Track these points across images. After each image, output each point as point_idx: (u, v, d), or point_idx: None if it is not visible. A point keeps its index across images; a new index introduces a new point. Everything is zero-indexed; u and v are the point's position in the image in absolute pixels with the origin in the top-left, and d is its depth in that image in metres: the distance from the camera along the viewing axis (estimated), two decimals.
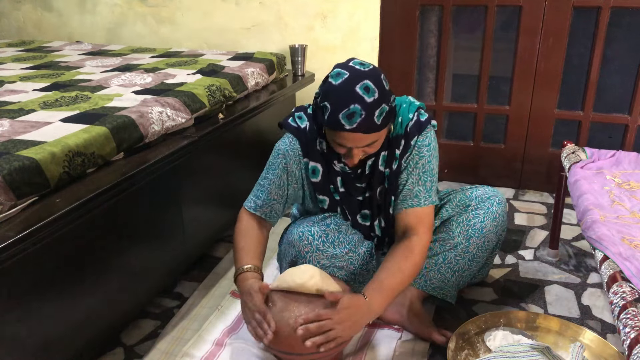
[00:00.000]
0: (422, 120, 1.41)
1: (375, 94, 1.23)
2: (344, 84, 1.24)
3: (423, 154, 1.41)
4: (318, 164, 1.45)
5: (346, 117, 1.22)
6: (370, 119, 1.22)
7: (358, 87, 1.22)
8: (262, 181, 1.49)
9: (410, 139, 1.40)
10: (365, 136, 1.26)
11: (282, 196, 1.48)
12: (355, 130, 1.23)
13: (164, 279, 1.69)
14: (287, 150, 1.45)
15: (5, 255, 1.04)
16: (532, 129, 2.49)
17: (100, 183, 1.32)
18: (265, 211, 1.49)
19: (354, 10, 2.56)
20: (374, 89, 1.23)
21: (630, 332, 0.96)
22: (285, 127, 1.48)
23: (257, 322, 1.28)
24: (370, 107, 1.22)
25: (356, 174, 1.45)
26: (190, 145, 1.64)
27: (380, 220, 1.52)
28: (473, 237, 1.54)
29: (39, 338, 1.19)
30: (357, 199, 1.49)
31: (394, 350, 1.48)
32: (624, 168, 1.69)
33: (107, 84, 1.89)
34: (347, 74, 1.25)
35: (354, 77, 1.24)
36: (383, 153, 1.42)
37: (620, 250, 1.19)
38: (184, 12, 2.84)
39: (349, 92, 1.22)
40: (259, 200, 1.49)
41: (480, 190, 1.59)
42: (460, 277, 1.58)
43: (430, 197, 1.43)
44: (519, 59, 2.40)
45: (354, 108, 1.21)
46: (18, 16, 3.16)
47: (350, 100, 1.21)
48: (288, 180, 1.47)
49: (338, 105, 1.23)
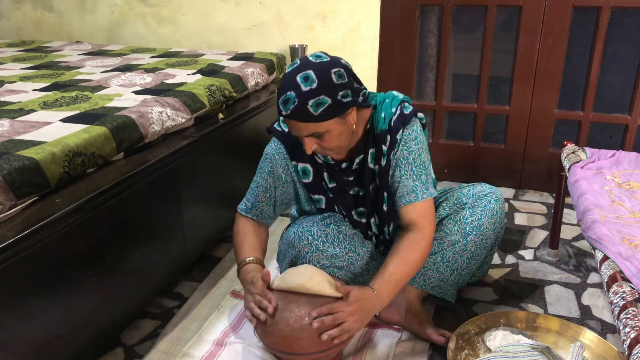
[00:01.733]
0: (407, 113, 1.41)
1: (314, 84, 1.24)
2: (289, 72, 1.29)
3: (412, 149, 1.41)
4: (307, 164, 1.48)
5: (282, 102, 1.27)
6: (303, 108, 1.24)
7: (298, 76, 1.25)
8: (252, 184, 1.54)
9: (396, 133, 1.40)
10: (304, 125, 1.28)
11: (269, 198, 1.52)
12: (289, 117, 1.27)
13: (164, 279, 1.69)
14: (274, 154, 1.48)
15: (5, 255, 1.05)
16: (532, 129, 2.49)
17: (100, 183, 1.32)
18: (256, 213, 1.53)
19: (354, 10, 2.56)
20: (314, 79, 1.24)
21: (630, 332, 0.96)
22: (272, 132, 1.51)
23: (256, 302, 1.29)
24: (304, 96, 1.23)
25: (340, 168, 1.46)
26: (190, 145, 1.64)
27: (375, 218, 1.52)
28: (471, 234, 1.54)
29: (39, 338, 1.19)
30: (350, 193, 1.50)
31: (393, 350, 1.48)
32: (624, 168, 1.69)
33: (107, 84, 1.89)
34: (297, 64, 1.29)
35: (300, 66, 1.28)
36: (371, 150, 1.43)
37: (620, 250, 1.19)
38: (184, 12, 2.84)
39: (289, 80, 1.27)
40: (249, 202, 1.54)
41: (478, 188, 1.59)
42: (459, 276, 1.58)
43: (428, 190, 1.43)
44: (519, 59, 2.40)
45: (289, 95, 1.25)
46: (18, 16, 3.17)
47: (288, 87, 1.26)
48: (275, 183, 1.50)
49: (279, 92, 1.29)
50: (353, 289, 1.30)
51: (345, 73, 1.28)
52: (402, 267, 1.38)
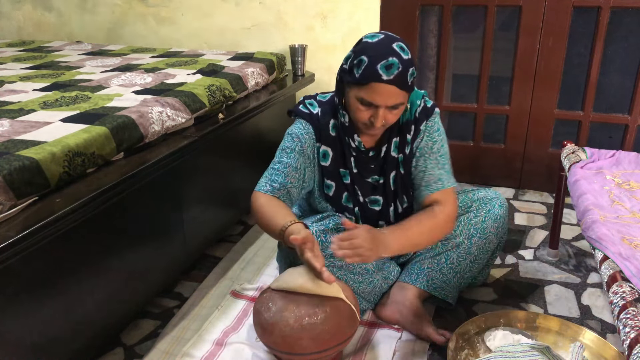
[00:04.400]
0: (429, 107, 1.48)
1: (409, 54, 1.32)
2: (382, 41, 1.32)
3: (435, 139, 1.47)
4: (329, 148, 1.48)
5: (385, 67, 1.28)
6: (404, 75, 1.29)
7: (395, 45, 1.30)
8: (277, 165, 1.46)
9: (420, 124, 1.46)
10: (397, 92, 1.31)
11: (298, 179, 1.46)
12: (391, 82, 1.28)
13: (164, 279, 1.69)
14: (302, 133, 1.47)
15: (5, 255, 1.04)
16: (532, 129, 2.49)
17: (100, 183, 1.32)
18: (283, 194, 1.44)
19: (354, 10, 2.56)
20: (407, 50, 1.32)
21: (630, 332, 0.96)
22: (297, 114, 1.51)
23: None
24: (406, 64, 1.29)
25: (367, 155, 1.48)
26: (190, 145, 1.64)
27: (397, 206, 1.54)
28: (475, 236, 1.55)
29: (39, 338, 1.19)
30: (368, 181, 1.52)
31: (394, 350, 1.48)
32: (624, 168, 1.69)
33: (107, 84, 1.89)
34: (382, 35, 1.33)
35: (390, 37, 1.33)
36: (395, 139, 1.47)
37: (620, 250, 1.19)
38: (184, 12, 2.84)
39: (387, 47, 1.30)
40: (275, 183, 1.44)
41: (482, 193, 1.61)
42: (461, 279, 1.59)
43: (451, 179, 1.49)
44: (519, 59, 2.40)
45: (392, 60, 1.28)
46: (18, 16, 3.17)
47: (389, 53, 1.29)
48: (305, 162, 1.47)
49: (377, 58, 1.29)
50: (364, 225, 1.33)
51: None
52: (416, 226, 1.41)
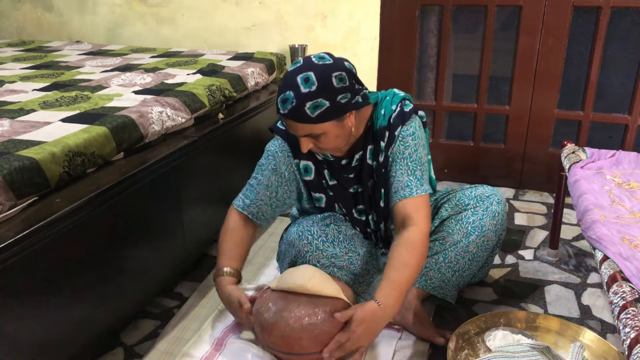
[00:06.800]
0: (406, 111, 1.41)
1: (313, 86, 1.24)
2: (290, 72, 1.29)
3: (408, 144, 1.40)
4: (309, 162, 1.48)
5: (281, 102, 1.28)
6: (300, 109, 1.25)
7: (299, 77, 1.26)
8: (252, 181, 1.52)
9: (394, 130, 1.40)
10: (300, 125, 1.28)
11: (270, 197, 1.50)
12: (286, 117, 1.28)
13: (164, 279, 1.69)
14: (277, 151, 1.47)
15: (5, 255, 1.05)
16: (532, 129, 2.49)
17: (100, 183, 1.32)
18: (252, 211, 1.51)
19: (354, 10, 2.56)
20: (314, 81, 1.24)
21: (630, 332, 0.96)
22: (274, 131, 1.51)
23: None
24: (302, 98, 1.24)
25: (340, 164, 1.47)
26: (190, 145, 1.64)
27: (373, 214, 1.53)
28: (472, 235, 1.54)
29: (39, 338, 1.19)
30: (350, 191, 1.50)
31: (394, 350, 1.48)
32: (624, 168, 1.69)
33: (107, 83, 1.89)
34: (299, 64, 1.30)
35: (301, 67, 1.28)
36: (370, 146, 1.43)
37: (620, 250, 1.19)
38: (184, 12, 2.84)
39: (289, 79, 1.28)
40: (247, 199, 1.51)
41: (480, 190, 1.59)
42: (460, 277, 1.58)
43: (422, 186, 1.41)
44: (519, 59, 2.40)
45: (287, 94, 1.26)
46: (18, 16, 3.17)
47: (287, 87, 1.27)
48: (277, 181, 1.49)
49: (280, 90, 1.29)
50: (355, 312, 1.27)
51: (347, 76, 1.28)
52: (405, 272, 1.34)
